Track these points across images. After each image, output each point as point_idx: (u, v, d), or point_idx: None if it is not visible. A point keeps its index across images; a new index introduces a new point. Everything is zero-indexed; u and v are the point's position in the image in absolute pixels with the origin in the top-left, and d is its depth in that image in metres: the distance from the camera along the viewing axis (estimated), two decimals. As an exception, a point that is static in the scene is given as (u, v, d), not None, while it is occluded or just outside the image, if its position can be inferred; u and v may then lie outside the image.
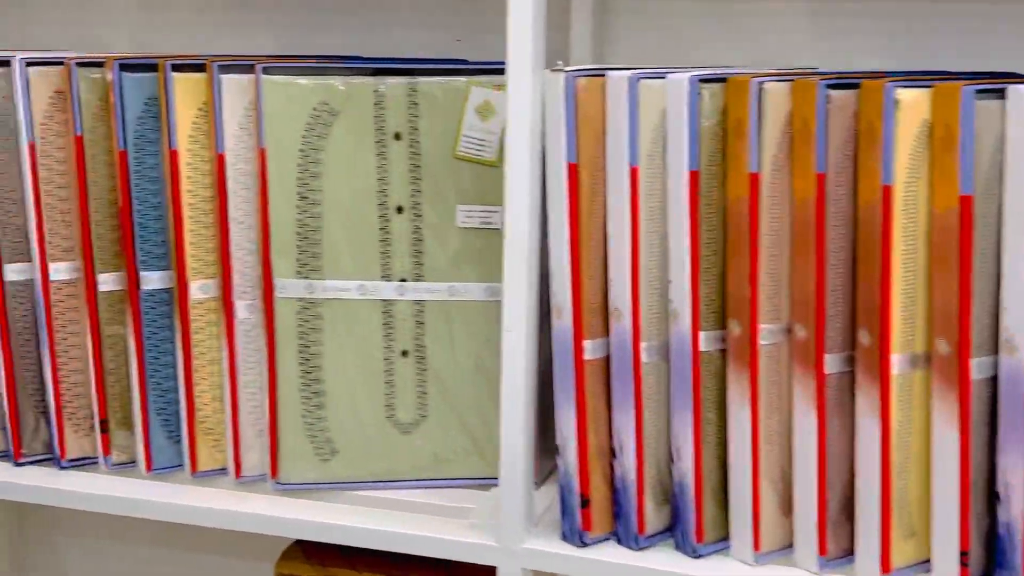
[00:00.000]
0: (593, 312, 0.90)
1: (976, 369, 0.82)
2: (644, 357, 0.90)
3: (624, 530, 0.92)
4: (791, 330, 0.88)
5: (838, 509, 0.88)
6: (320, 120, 0.98)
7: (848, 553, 0.89)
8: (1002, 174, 0.81)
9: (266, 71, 0.97)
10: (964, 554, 0.84)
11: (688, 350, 0.88)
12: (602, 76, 0.88)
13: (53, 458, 1.07)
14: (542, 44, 0.89)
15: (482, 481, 1.02)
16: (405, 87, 0.99)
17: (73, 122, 1.01)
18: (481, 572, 0.97)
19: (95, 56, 1.02)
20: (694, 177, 0.87)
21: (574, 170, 0.88)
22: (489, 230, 1.00)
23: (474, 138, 0.99)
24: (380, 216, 1.00)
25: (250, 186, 1.00)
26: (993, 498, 0.84)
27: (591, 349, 0.91)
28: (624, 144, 0.87)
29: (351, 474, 1.02)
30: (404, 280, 1.00)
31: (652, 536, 0.93)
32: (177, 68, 0.98)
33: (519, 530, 0.93)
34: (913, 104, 0.81)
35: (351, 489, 1.02)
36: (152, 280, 1.02)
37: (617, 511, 0.92)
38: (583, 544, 0.93)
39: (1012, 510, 0.82)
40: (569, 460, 0.92)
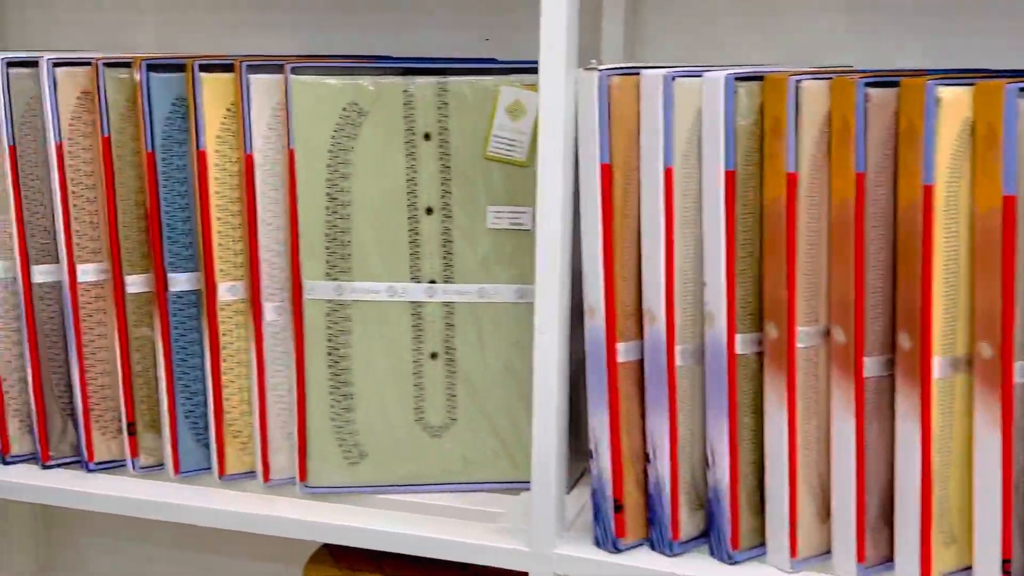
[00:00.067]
0: (626, 314, 0.89)
1: (1020, 373, 0.81)
2: (679, 360, 0.88)
3: (658, 536, 0.91)
4: (829, 333, 0.86)
5: (877, 515, 0.87)
6: (349, 120, 0.97)
7: (887, 560, 0.87)
8: (1046, 174, 0.79)
9: (295, 71, 0.96)
10: (1006, 561, 0.82)
11: (724, 353, 0.87)
12: (636, 75, 0.87)
13: (80, 461, 1.06)
14: (575, 42, 0.87)
15: (511, 485, 1.01)
16: (435, 87, 0.98)
17: (101, 123, 1.00)
18: (511, 577, 0.96)
19: (122, 56, 1.01)
20: (730, 177, 0.86)
21: (607, 170, 0.87)
22: (519, 231, 0.99)
23: (504, 138, 0.98)
24: (409, 217, 0.99)
25: (278, 187, 0.99)
26: (1036, 504, 0.83)
27: (624, 351, 0.89)
28: (659, 144, 0.86)
29: (380, 478, 1.01)
30: (433, 282, 0.99)
31: (686, 542, 0.91)
32: (205, 68, 0.98)
33: (551, 535, 0.92)
34: (955, 102, 0.80)
35: (380, 493, 1.01)
36: (180, 282, 1.01)
37: (651, 516, 0.91)
38: (616, 550, 0.91)
39: (1056, 517, 0.81)
40: (602, 464, 0.90)
